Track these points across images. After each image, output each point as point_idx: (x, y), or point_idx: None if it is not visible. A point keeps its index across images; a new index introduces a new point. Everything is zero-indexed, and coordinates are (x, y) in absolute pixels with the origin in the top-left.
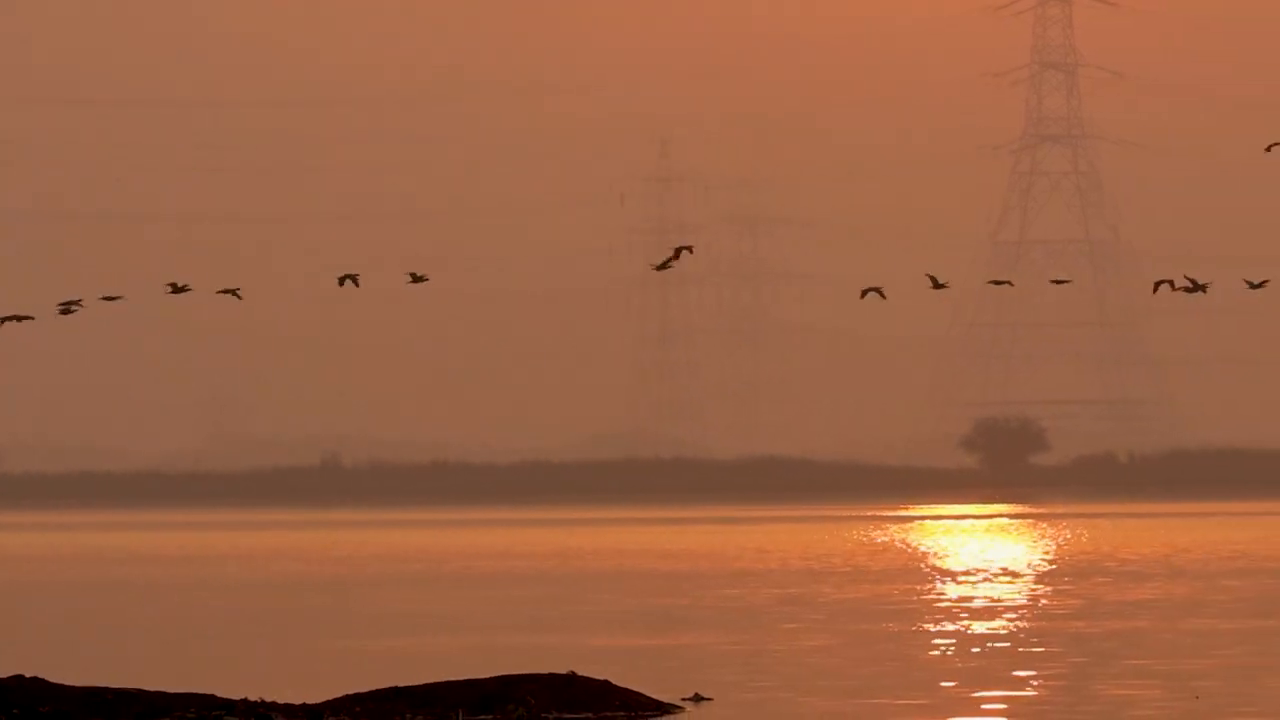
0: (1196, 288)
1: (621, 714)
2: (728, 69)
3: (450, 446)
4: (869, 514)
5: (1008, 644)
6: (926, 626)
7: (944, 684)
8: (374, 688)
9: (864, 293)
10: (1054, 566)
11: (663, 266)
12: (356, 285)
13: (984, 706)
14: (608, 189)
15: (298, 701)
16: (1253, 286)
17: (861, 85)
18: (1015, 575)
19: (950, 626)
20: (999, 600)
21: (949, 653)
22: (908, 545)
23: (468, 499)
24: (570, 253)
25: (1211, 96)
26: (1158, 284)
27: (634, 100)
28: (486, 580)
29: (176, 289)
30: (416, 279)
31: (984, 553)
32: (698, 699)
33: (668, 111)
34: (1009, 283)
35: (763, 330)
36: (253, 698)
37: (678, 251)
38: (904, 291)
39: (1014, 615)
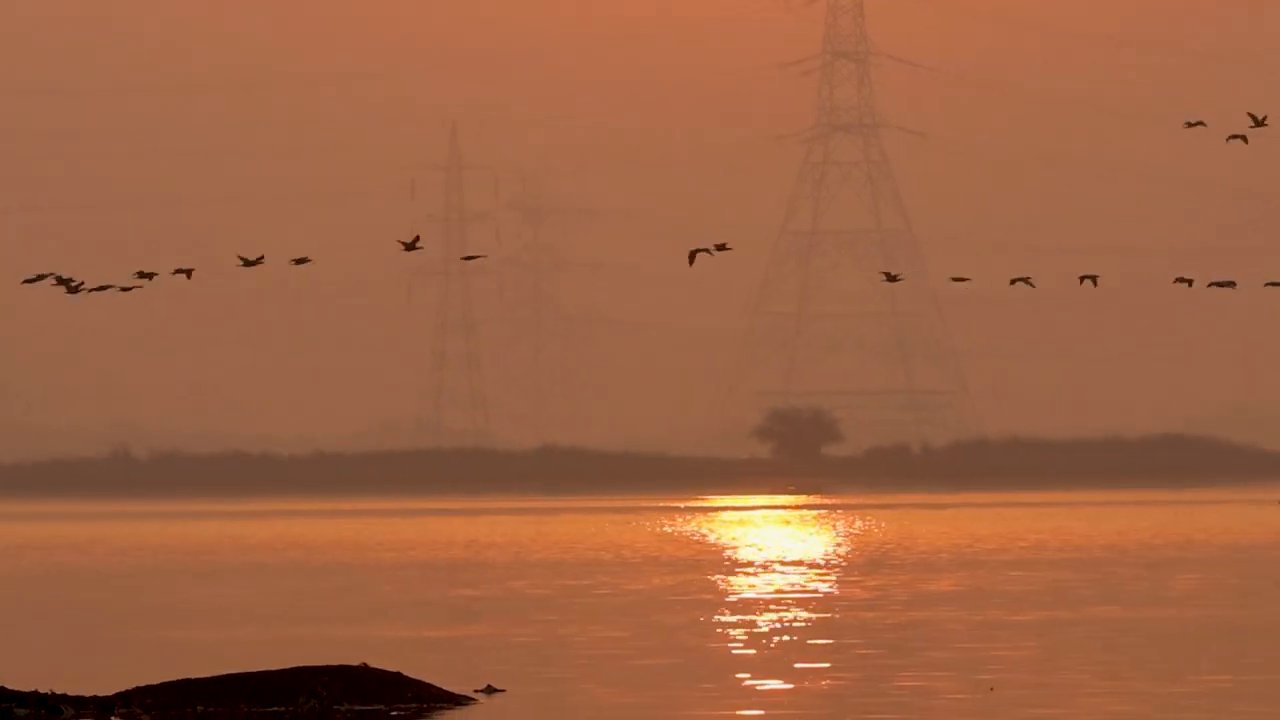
0: (1224, 284)
1: (414, 706)
2: (518, 59)
3: (240, 438)
4: (661, 505)
5: (799, 635)
6: (718, 617)
7: (735, 675)
8: (165, 679)
9: (692, 255)
10: (846, 557)
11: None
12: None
13: (775, 698)
14: (398, 178)
15: (88, 693)
16: (1085, 279)
17: (652, 75)
18: (807, 566)
19: (741, 617)
20: (790, 591)
21: (740, 644)
22: (699, 536)
23: (257, 490)
24: (358, 241)
25: (1003, 87)
26: (1179, 279)
27: (423, 89)
28: (276, 572)
29: (62, 282)
30: (299, 261)
31: (776, 544)
32: (490, 690)
33: (457, 101)
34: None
35: (552, 320)
36: (43, 690)
37: (717, 247)
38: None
39: (806, 606)
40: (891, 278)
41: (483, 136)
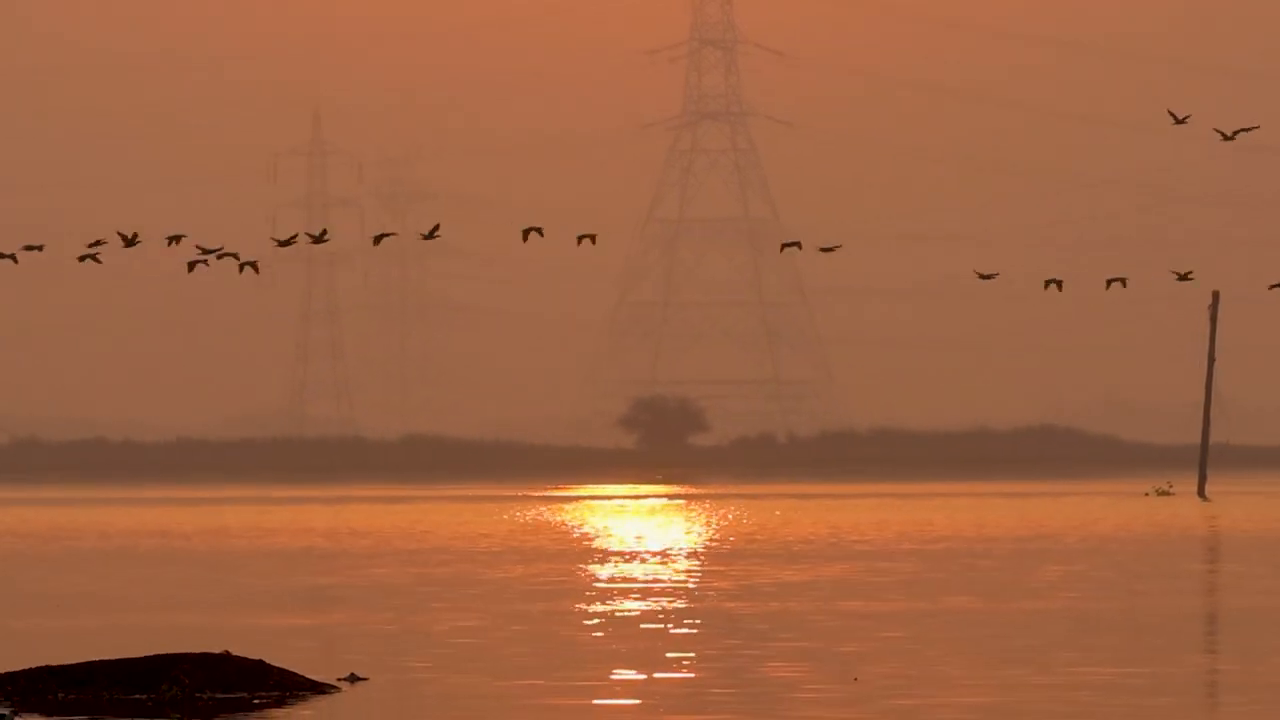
0: (1183, 278)
1: (276, 693)
2: (383, 44)
3: (102, 424)
4: (525, 494)
5: (663, 625)
6: (580, 607)
7: (597, 665)
8: (24, 667)
9: (525, 232)
10: (711, 547)
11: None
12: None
13: (638, 688)
14: (260, 162)
15: None
16: (983, 278)
17: (519, 62)
18: (671, 556)
19: (604, 607)
20: (654, 581)
21: (603, 633)
22: (564, 525)
23: (118, 477)
24: (220, 227)
25: (871, 76)
26: (1109, 281)
27: (287, 72)
28: (138, 559)
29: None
30: (174, 240)
31: (641, 533)
32: (353, 679)
33: (321, 84)
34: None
35: (417, 308)
36: None
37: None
38: (562, 269)
39: (670, 596)
40: (791, 244)
41: (347, 122)
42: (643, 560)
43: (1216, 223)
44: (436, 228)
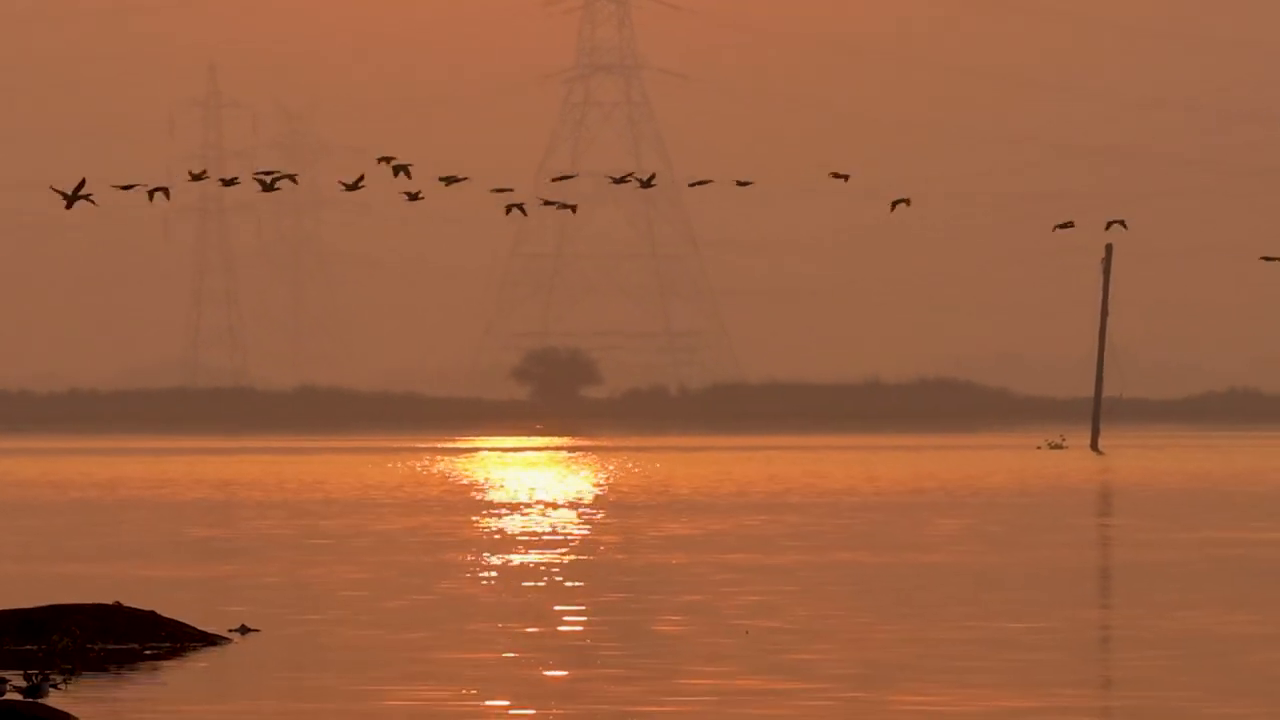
0: (1064, 226)
1: (167, 645)
2: None
3: None
4: (416, 445)
5: (552, 577)
6: (469, 559)
7: (485, 618)
8: None
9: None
10: (601, 499)
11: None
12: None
13: (526, 641)
14: (157, 114)
15: None
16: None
17: (415, 14)
18: (562, 508)
19: (494, 559)
20: (545, 533)
21: (491, 586)
22: (455, 477)
23: (12, 428)
24: (117, 178)
25: (765, 30)
26: (1057, 226)
27: (182, 25)
28: (29, 509)
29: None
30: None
31: (532, 485)
32: (244, 630)
33: (217, 37)
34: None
35: (311, 259)
36: None
37: (648, 180)
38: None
39: (559, 548)
40: (700, 183)
41: (243, 74)
42: (533, 512)
43: (1112, 176)
44: (361, 178)
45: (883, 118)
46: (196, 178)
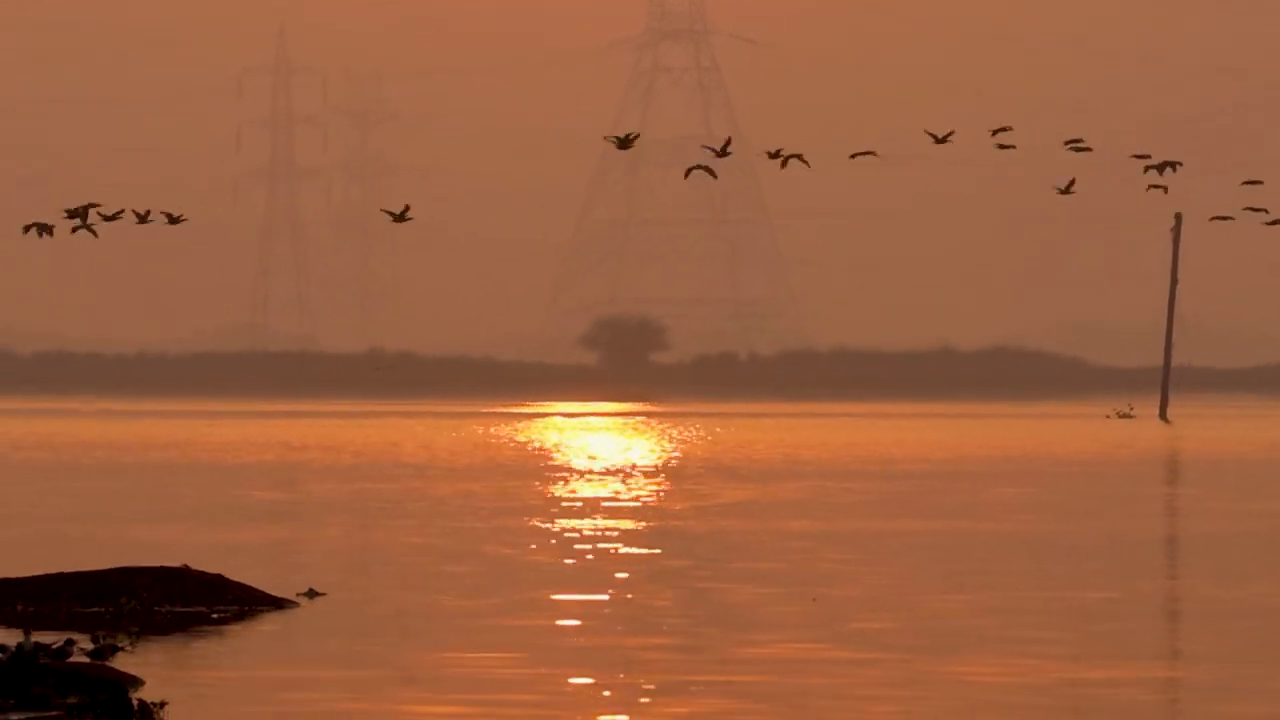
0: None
1: (234, 608)
2: None
3: (65, 337)
4: (487, 411)
5: (618, 544)
6: (535, 524)
7: (548, 585)
8: None
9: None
10: (669, 465)
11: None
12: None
13: (591, 609)
14: (226, 80)
15: None
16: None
17: None
18: (629, 474)
19: (560, 525)
20: (611, 499)
21: (557, 552)
22: (526, 442)
23: (81, 389)
24: (188, 144)
25: None
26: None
27: None
28: (99, 471)
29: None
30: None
31: (601, 451)
32: (311, 594)
33: (286, 2)
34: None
35: (380, 226)
36: None
37: (723, 149)
38: (526, 189)
39: (626, 515)
40: (943, 138)
41: (312, 39)
42: (599, 478)
43: (1182, 145)
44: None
45: (954, 83)
46: (399, 217)
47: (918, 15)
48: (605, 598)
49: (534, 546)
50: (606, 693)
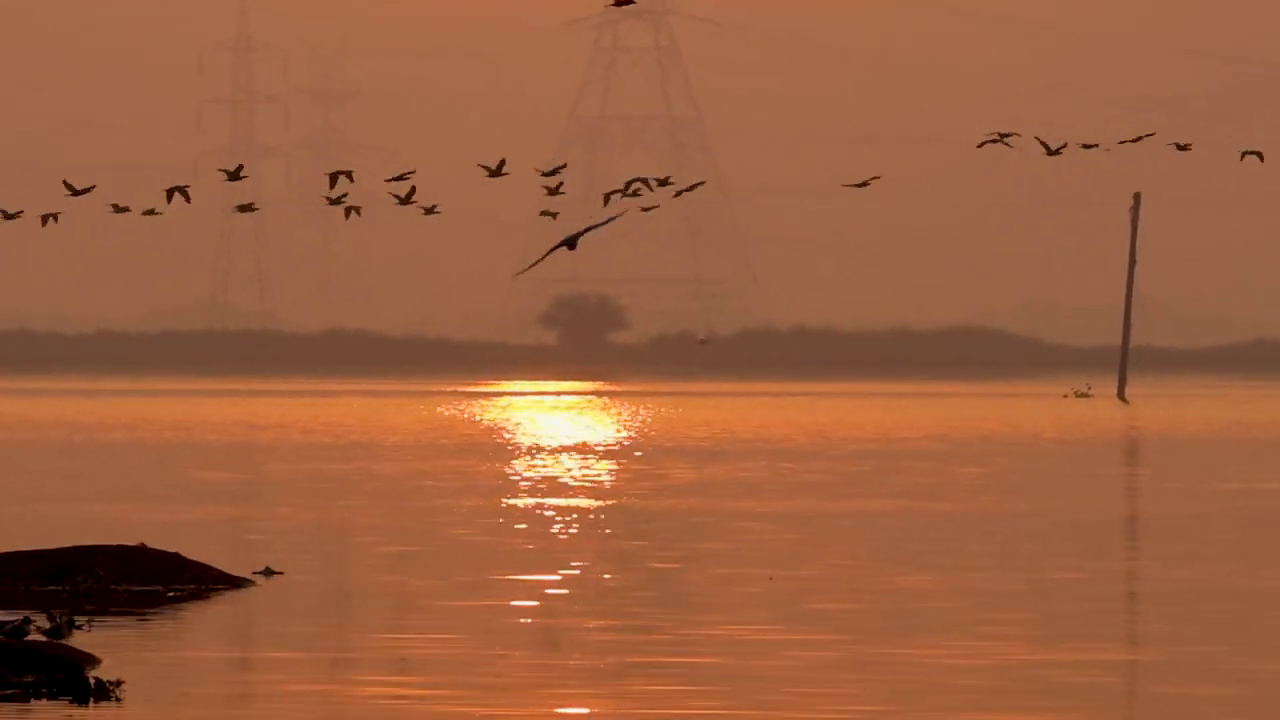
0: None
1: (192, 586)
2: None
3: (25, 315)
4: (445, 389)
5: (574, 524)
6: (491, 503)
7: (505, 565)
8: None
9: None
10: (626, 445)
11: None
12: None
13: (545, 588)
14: (186, 58)
15: None
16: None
17: None
18: (585, 453)
19: (516, 503)
20: (565, 479)
21: (515, 532)
22: (481, 421)
23: (38, 368)
24: (148, 122)
25: None
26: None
27: None
28: (52, 450)
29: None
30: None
31: (558, 430)
32: (268, 573)
33: None
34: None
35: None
36: None
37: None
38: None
39: (582, 494)
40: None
41: (273, 17)
42: (556, 457)
43: (1144, 124)
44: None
45: (914, 64)
46: (233, 175)
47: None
48: (560, 578)
49: (489, 526)
50: (562, 675)
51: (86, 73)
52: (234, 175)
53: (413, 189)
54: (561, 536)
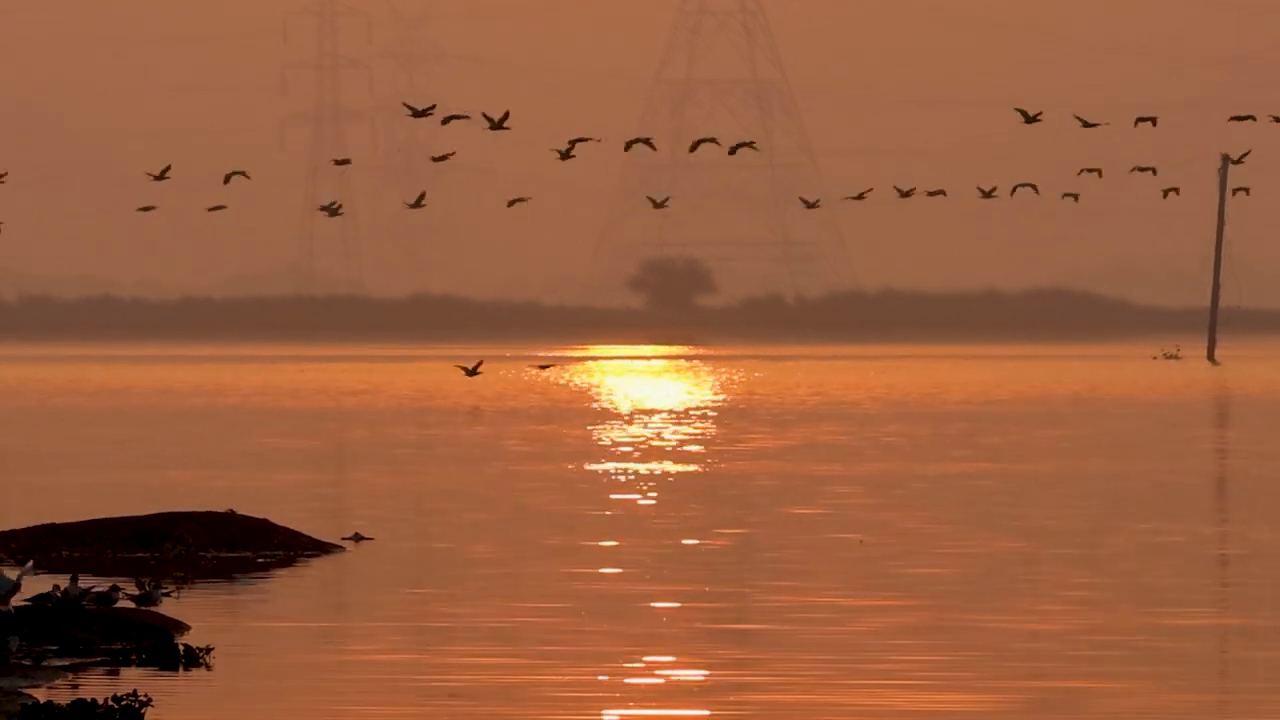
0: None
1: (281, 553)
2: None
3: (110, 282)
4: (536, 354)
5: (662, 490)
6: (582, 468)
7: (594, 531)
8: (28, 525)
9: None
10: (715, 408)
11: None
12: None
13: (633, 556)
14: (271, 24)
15: None
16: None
17: None
18: (675, 418)
19: (604, 469)
20: (657, 443)
21: (600, 498)
22: (573, 385)
23: (128, 335)
24: (233, 88)
25: None
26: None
27: None
28: (144, 416)
29: None
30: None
31: (646, 395)
32: (358, 538)
33: None
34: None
35: (425, 169)
36: None
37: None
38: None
39: (672, 458)
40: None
41: None
42: (646, 421)
43: (1227, 87)
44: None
45: (1002, 25)
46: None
47: None
48: (651, 543)
49: (576, 492)
50: (650, 644)
51: (173, 36)
52: (421, 113)
53: (506, 114)
54: (648, 503)
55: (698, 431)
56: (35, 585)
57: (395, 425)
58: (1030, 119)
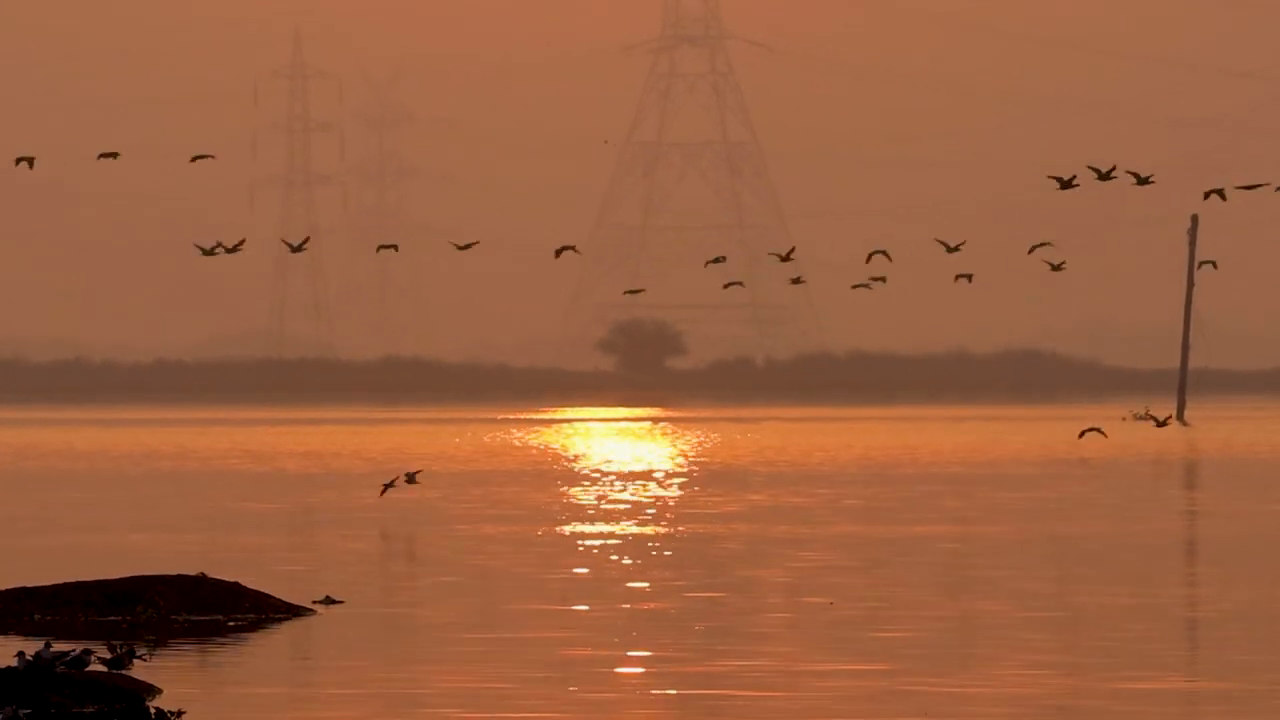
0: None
1: (252, 616)
2: None
3: (82, 345)
4: (503, 416)
5: (632, 552)
6: (552, 531)
7: (564, 595)
8: (1, 588)
9: (561, 250)
10: (684, 470)
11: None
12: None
13: (604, 619)
14: (242, 86)
15: None
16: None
17: None
18: (645, 479)
19: (574, 531)
20: (626, 504)
21: (571, 560)
22: (540, 448)
23: (97, 398)
24: (203, 148)
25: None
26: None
27: None
28: (114, 479)
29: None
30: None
31: (616, 456)
32: (329, 601)
33: (301, 5)
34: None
35: (396, 230)
36: None
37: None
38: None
39: (641, 520)
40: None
41: (328, 44)
42: (615, 484)
43: (1201, 146)
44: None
45: (967, 87)
46: (296, 249)
47: (933, 20)
48: (620, 607)
49: (544, 555)
50: (618, 710)
51: (142, 98)
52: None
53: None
54: (618, 565)
55: (668, 493)
56: (3, 650)
57: (367, 487)
58: (1066, 184)
